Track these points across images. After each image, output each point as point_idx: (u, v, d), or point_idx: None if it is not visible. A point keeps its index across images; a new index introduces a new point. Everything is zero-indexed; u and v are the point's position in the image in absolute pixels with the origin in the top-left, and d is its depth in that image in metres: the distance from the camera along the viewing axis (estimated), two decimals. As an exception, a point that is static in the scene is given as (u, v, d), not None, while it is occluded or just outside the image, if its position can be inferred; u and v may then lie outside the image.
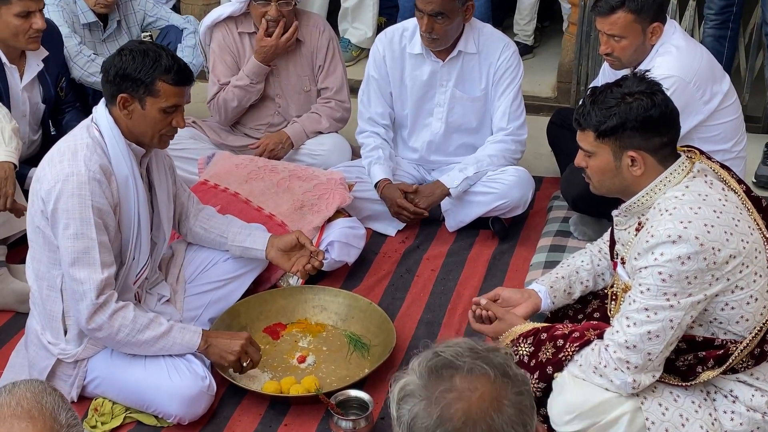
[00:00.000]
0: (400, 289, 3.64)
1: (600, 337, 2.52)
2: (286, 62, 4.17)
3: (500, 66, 3.88)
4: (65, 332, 2.89)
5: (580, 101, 2.58)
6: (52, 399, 1.54)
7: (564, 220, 3.95)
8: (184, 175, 3.68)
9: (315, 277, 3.49)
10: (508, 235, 3.97)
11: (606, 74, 3.74)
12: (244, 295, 3.34)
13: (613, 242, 2.76)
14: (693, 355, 2.51)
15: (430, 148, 4.07)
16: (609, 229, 2.85)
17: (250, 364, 2.96)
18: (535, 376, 2.56)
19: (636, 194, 2.54)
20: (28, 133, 3.83)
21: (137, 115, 2.80)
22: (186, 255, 3.32)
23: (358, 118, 4.10)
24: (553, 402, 2.53)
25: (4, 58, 3.66)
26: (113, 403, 2.94)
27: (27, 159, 3.71)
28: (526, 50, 5.69)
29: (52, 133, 4.01)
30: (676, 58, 3.41)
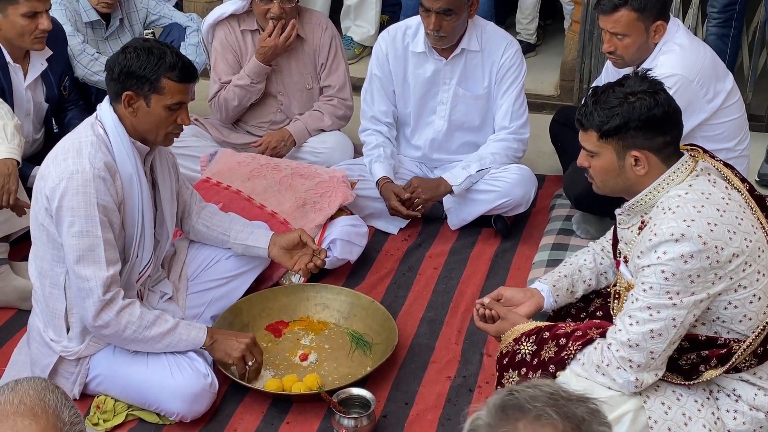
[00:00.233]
0: (402, 287, 3.63)
1: (603, 335, 2.51)
2: (288, 60, 4.17)
3: (503, 64, 3.88)
4: (68, 330, 2.89)
5: (582, 101, 2.56)
6: (55, 396, 1.53)
7: (567, 219, 3.94)
8: (186, 173, 3.66)
9: (317, 274, 3.49)
10: (510, 234, 3.96)
11: (609, 72, 3.73)
12: (246, 293, 3.34)
13: (616, 241, 2.75)
14: (696, 354, 2.50)
15: (433, 146, 4.07)
16: (612, 228, 2.85)
17: (255, 363, 2.96)
18: (538, 375, 2.53)
19: (639, 193, 2.53)
20: (30, 132, 3.82)
21: (142, 113, 2.79)
22: (188, 253, 3.32)
23: (361, 116, 4.10)
24: (556, 401, 2.53)
25: (8, 57, 3.65)
26: (115, 400, 2.93)
27: (29, 157, 3.70)
28: (528, 48, 5.68)
29: (55, 131, 4.00)
30: (680, 57, 3.40)
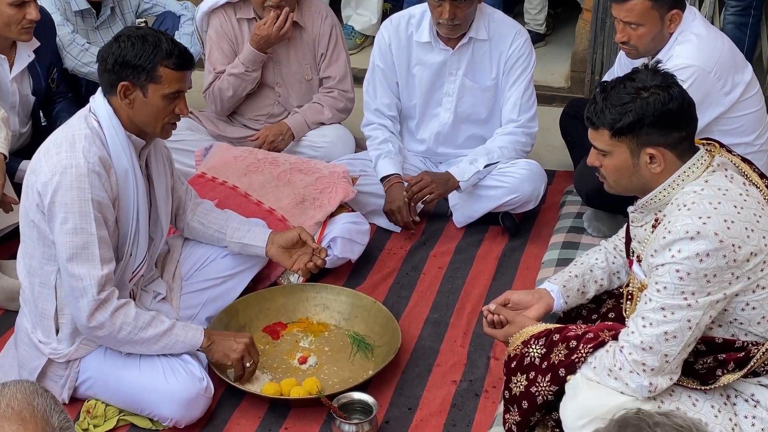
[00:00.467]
0: (405, 288, 3.62)
1: (615, 338, 2.49)
2: (286, 49, 4.14)
3: (512, 54, 3.85)
4: (57, 331, 2.87)
5: (591, 98, 2.56)
6: (44, 401, 1.52)
7: (577, 216, 3.92)
8: (180, 168, 3.67)
9: (317, 274, 3.47)
10: (518, 232, 3.94)
11: (622, 63, 3.71)
12: (242, 293, 3.33)
13: (628, 239, 2.74)
14: (712, 358, 2.49)
15: (438, 139, 4.04)
16: (624, 226, 2.83)
17: (252, 365, 2.96)
18: (547, 379, 2.53)
19: (653, 190, 2.51)
20: (17, 126, 3.80)
21: (139, 104, 2.77)
22: (183, 251, 3.31)
23: (364, 109, 4.07)
24: (566, 406, 2.50)
25: (-7, 48, 3.65)
26: (106, 405, 2.91)
27: (16, 152, 3.68)
28: (537, 38, 5.65)
29: (43, 125, 3.99)
30: (696, 47, 3.37)
